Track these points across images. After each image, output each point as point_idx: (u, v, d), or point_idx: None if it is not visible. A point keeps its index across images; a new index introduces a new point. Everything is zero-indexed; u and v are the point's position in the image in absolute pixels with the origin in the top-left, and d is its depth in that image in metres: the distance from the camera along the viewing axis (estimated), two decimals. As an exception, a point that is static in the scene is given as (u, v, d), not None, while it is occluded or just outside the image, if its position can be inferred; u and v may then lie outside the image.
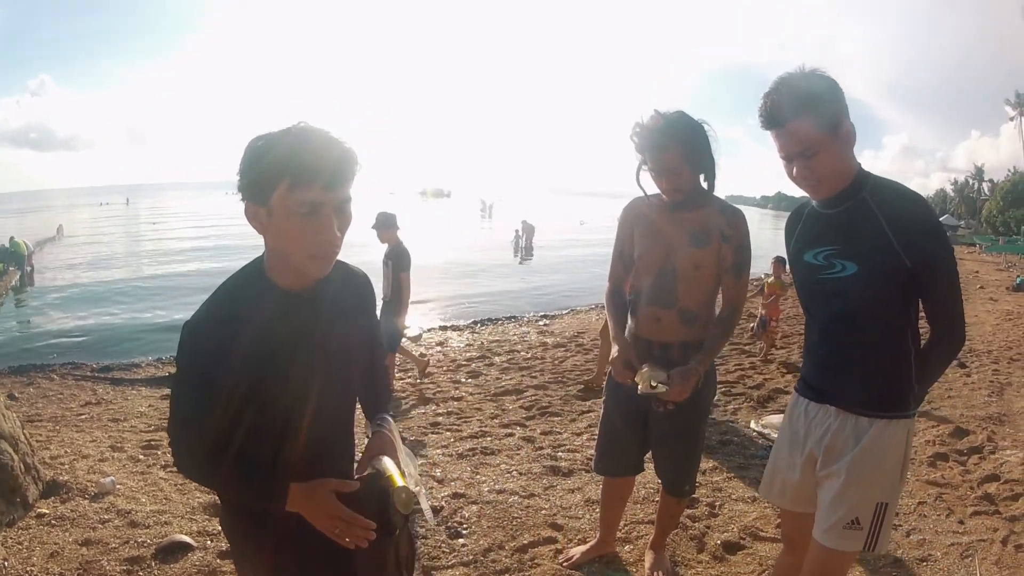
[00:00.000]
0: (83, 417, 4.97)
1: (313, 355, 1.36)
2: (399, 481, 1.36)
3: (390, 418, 1.56)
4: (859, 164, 1.73)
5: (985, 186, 61.59)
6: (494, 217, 26.14)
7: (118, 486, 3.46)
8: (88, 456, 3.99)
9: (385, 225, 5.23)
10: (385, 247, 5.28)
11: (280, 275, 1.33)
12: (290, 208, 1.21)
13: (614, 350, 2.42)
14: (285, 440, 1.38)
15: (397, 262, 5.17)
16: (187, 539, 2.86)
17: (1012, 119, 55.89)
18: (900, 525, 3.14)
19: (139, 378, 5.39)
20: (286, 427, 1.38)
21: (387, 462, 1.40)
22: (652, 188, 2.39)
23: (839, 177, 1.69)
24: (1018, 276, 14.40)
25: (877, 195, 1.68)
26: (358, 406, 1.60)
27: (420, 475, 3.27)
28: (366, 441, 1.53)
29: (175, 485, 3.55)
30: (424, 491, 3.33)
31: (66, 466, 3.76)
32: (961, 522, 3.18)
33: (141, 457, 4.00)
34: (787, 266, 2.01)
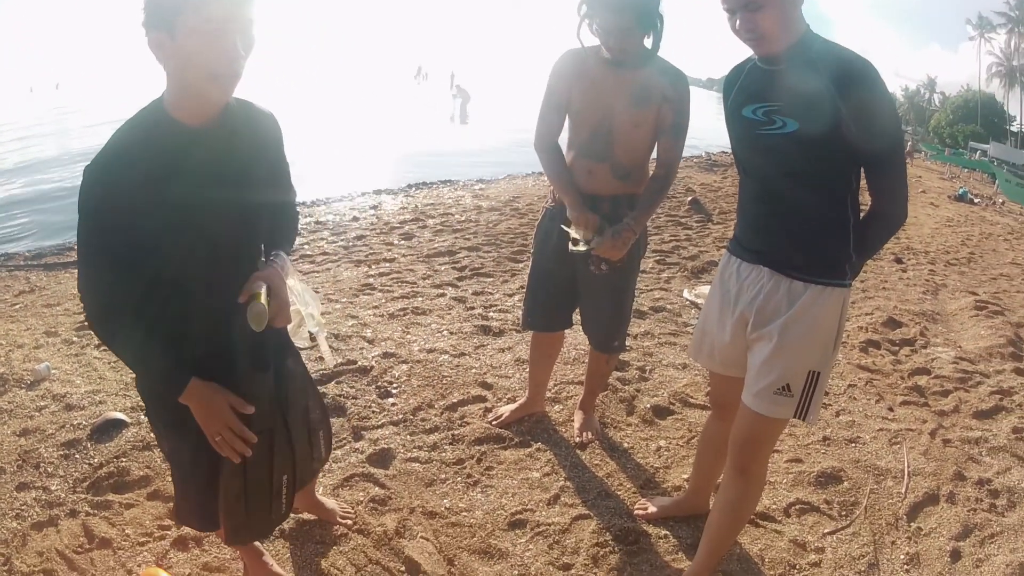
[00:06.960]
0: (17, 307, 4.91)
1: (219, 192, 1.38)
2: (262, 300, 1.40)
3: (285, 255, 1.57)
4: (807, 24, 1.65)
5: (936, 98, 61.11)
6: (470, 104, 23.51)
7: (53, 371, 3.50)
8: (23, 345, 3.99)
9: None
10: None
11: (182, 110, 1.33)
12: (193, 26, 1.22)
13: (570, 207, 2.34)
14: (192, 280, 1.42)
15: None
16: (121, 416, 2.96)
17: (972, 39, 54.98)
18: (829, 404, 3.23)
19: (71, 261, 5.28)
20: (193, 267, 1.41)
21: (261, 285, 1.43)
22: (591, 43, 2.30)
23: (784, 34, 1.61)
24: (960, 187, 14.77)
25: (824, 55, 1.59)
26: None
27: (324, 321, 3.16)
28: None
29: (109, 364, 3.60)
30: (324, 332, 3.37)
31: (1, 358, 3.79)
32: (890, 409, 3.27)
33: (75, 339, 4.01)
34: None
